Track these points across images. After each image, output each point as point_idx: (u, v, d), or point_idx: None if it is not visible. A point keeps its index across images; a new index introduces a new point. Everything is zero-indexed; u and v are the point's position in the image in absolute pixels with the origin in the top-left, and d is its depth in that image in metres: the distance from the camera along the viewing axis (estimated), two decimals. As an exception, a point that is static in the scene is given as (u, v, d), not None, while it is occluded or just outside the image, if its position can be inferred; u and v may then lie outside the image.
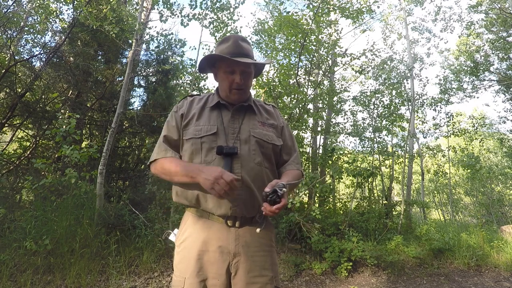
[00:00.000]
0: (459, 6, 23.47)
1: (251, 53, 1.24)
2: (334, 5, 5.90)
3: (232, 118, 1.20)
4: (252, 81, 1.26)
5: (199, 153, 1.12)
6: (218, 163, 1.09)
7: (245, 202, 1.10)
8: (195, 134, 1.14)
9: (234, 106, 1.22)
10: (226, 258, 1.07)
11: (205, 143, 1.12)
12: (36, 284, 2.80)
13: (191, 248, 1.10)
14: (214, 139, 1.13)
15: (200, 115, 1.20)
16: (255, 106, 1.27)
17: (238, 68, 1.17)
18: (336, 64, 7.10)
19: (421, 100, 8.12)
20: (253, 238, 1.12)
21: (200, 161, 1.11)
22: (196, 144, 1.13)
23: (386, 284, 3.81)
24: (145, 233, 3.75)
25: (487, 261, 4.69)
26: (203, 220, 1.13)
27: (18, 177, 4.55)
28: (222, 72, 1.21)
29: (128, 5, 6.76)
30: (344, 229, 4.82)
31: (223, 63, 1.19)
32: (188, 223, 1.17)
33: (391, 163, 7.37)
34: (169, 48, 6.12)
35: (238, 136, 1.15)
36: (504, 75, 11.41)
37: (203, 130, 1.15)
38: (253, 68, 1.26)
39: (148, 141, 6.17)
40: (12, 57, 4.99)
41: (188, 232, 1.14)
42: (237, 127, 1.18)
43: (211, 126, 1.16)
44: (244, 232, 1.12)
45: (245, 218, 1.12)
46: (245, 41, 1.25)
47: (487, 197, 12.79)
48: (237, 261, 1.08)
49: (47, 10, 5.48)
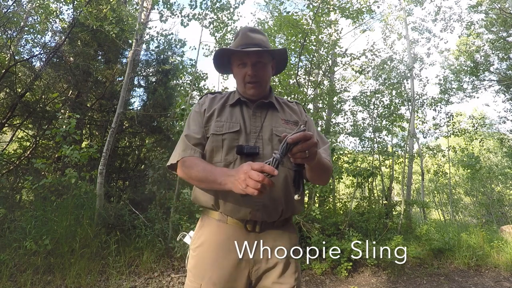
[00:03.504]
0: (459, 6, 23.53)
1: (264, 43, 1.15)
2: (334, 5, 5.90)
3: (253, 116, 1.12)
4: (269, 74, 1.17)
5: (219, 151, 1.05)
6: (239, 163, 1.01)
7: (266, 206, 1.02)
8: (216, 130, 1.07)
9: (255, 103, 1.15)
10: (245, 266, 1.00)
11: (227, 140, 1.05)
12: (36, 284, 2.80)
13: (207, 253, 1.03)
14: (236, 137, 1.06)
15: (221, 111, 1.13)
16: (277, 103, 1.19)
17: (249, 60, 1.10)
18: (336, 64, 7.10)
19: (421, 100, 8.12)
20: (275, 243, 1.04)
21: (220, 159, 1.04)
22: (217, 142, 1.06)
23: (386, 284, 3.81)
24: (145, 233, 3.75)
25: (487, 261, 4.69)
26: (221, 224, 1.06)
27: (18, 177, 4.55)
28: (235, 67, 1.16)
29: (128, 5, 6.76)
30: (344, 229, 4.82)
31: (234, 57, 1.15)
32: (205, 226, 1.10)
33: (391, 163, 7.36)
34: (169, 48, 6.12)
35: (260, 135, 1.08)
36: (504, 75, 11.41)
37: (225, 127, 1.08)
38: (269, 59, 1.17)
39: (148, 141, 6.17)
40: (12, 57, 4.99)
41: (205, 236, 1.07)
42: (259, 125, 1.11)
43: (233, 124, 1.09)
44: (265, 237, 1.04)
45: (266, 223, 1.05)
46: (256, 31, 1.17)
47: (487, 197, 12.78)
48: (258, 268, 1.01)
49: (47, 10, 5.48)
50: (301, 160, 0.85)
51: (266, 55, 1.15)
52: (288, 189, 1.04)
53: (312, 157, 0.86)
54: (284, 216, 1.06)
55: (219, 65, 1.23)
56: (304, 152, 0.83)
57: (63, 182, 3.55)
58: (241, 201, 1.01)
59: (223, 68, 1.25)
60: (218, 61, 1.21)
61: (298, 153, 0.83)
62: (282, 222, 1.10)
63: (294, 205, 1.07)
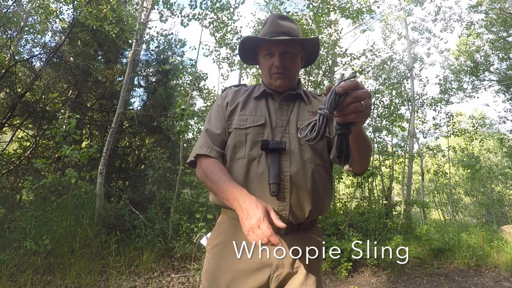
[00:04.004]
0: (459, 6, 23.50)
1: (294, 32, 1.07)
2: (334, 5, 5.90)
3: (279, 109, 1.04)
4: (297, 65, 1.09)
5: (242, 146, 0.97)
6: (264, 159, 0.94)
7: (292, 206, 0.92)
8: (239, 124, 0.99)
9: (282, 94, 1.06)
10: (266, 270, 0.92)
11: (250, 134, 0.97)
12: (36, 284, 2.80)
13: (223, 255, 0.95)
14: (260, 132, 0.98)
15: (245, 104, 1.05)
16: (304, 95, 1.10)
17: (277, 49, 1.02)
18: (336, 64, 7.10)
19: (421, 100, 8.13)
20: (301, 247, 0.95)
21: (244, 155, 0.96)
22: (240, 136, 0.98)
23: (386, 284, 3.81)
24: (145, 233, 3.75)
25: (487, 261, 4.69)
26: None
27: (18, 177, 4.55)
28: (262, 58, 1.08)
29: (128, 5, 6.76)
30: (344, 229, 4.82)
31: (261, 47, 1.07)
32: (222, 226, 1.02)
33: (391, 163, 7.36)
34: (169, 48, 6.12)
35: (286, 129, 0.99)
36: (504, 75, 11.41)
37: (249, 121, 0.99)
38: (298, 49, 1.07)
39: (148, 141, 6.17)
40: (12, 57, 4.99)
41: (222, 237, 0.99)
42: (285, 118, 1.02)
43: (258, 117, 1.00)
44: (289, 240, 0.94)
45: (292, 225, 0.94)
46: (286, 19, 1.09)
47: (487, 197, 12.78)
48: (279, 274, 0.92)
49: (47, 10, 5.48)
50: (355, 116, 0.67)
51: (296, 45, 1.06)
52: (316, 186, 0.95)
53: (368, 111, 0.70)
54: (311, 218, 0.97)
55: (245, 55, 1.15)
56: (359, 103, 0.66)
57: (63, 182, 3.55)
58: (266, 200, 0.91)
59: (249, 58, 1.16)
60: (244, 51, 1.12)
61: (352, 105, 0.66)
62: (309, 224, 1.00)
63: (323, 204, 0.98)
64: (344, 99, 0.66)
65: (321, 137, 0.68)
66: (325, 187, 0.98)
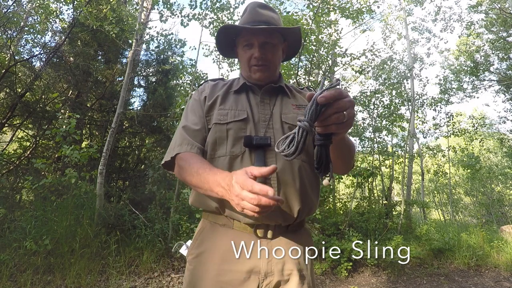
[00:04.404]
0: (459, 6, 23.53)
1: (275, 21, 1.01)
2: (334, 5, 5.90)
3: (261, 103, 0.97)
4: (278, 57, 1.02)
5: (224, 143, 0.90)
6: (248, 157, 0.87)
7: (280, 207, 0.86)
8: (219, 119, 0.92)
9: (263, 88, 1.00)
10: (254, 279, 0.84)
11: (232, 130, 0.90)
12: (36, 284, 2.80)
13: (207, 265, 0.87)
14: (243, 127, 0.91)
15: (224, 98, 0.98)
16: (287, 89, 1.04)
17: (257, 40, 0.95)
18: (336, 64, 7.10)
19: (421, 100, 8.13)
20: (289, 252, 0.88)
21: (225, 152, 0.89)
22: (221, 132, 0.91)
23: (386, 284, 3.81)
24: (145, 233, 3.75)
25: (487, 261, 4.69)
26: (225, 230, 0.89)
27: (18, 177, 4.55)
28: (240, 49, 1.01)
29: (128, 5, 6.76)
30: (344, 229, 4.82)
31: (240, 38, 1.00)
32: (204, 233, 0.94)
33: (391, 163, 7.36)
34: (169, 48, 6.13)
35: (270, 124, 0.93)
36: (504, 75, 11.42)
37: (230, 115, 0.93)
38: (280, 40, 1.01)
39: (148, 141, 6.18)
40: (12, 57, 4.99)
41: (205, 245, 0.91)
42: (268, 113, 0.96)
43: (240, 111, 0.94)
44: (278, 244, 0.88)
45: (280, 227, 0.89)
46: (266, 7, 1.02)
47: (487, 197, 12.79)
48: (269, 282, 0.85)
49: (47, 10, 5.48)
50: (336, 127, 0.63)
51: (277, 35, 0.99)
52: (304, 184, 0.89)
53: (350, 122, 0.66)
54: (300, 218, 0.91)
55: (224, 47, 1.07)
56: (341, 114, 0.62)
57: (63, 182, 3.56)
58: None
59: (227, 50, 1.09)
60: (222, 42, 1.06)
61: (333, 116, 0.62)
62: (297, 225, 0.94)
63: (311, 203, 0.92)
64: (326, 109, 0.62)
65: (299, 152, 0.63)
66: (312, 185, 0.93)
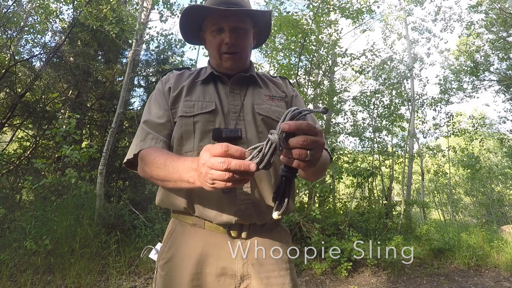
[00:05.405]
0: (459, 6, 23.54)
1: (246, 4, 0.93)
2: (334, 5, 5.90)
3: (231, 93, 0.91)
4: (250, 44, 0.94)
5: (191, 137, 0.84)
6: None
7: (255, 204, 0.82)
8: (185, 111, 0.85)
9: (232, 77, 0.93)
10: (230, 282, 0.80)
11: (199, 123, 0.84)
12: (36, 284, 2.80)
13: (180, 270, 0.80)
14: (211, 119, 0.85)
15: (190, 89, 0.91)
16: (259, 78, 0.98)
17: (227, 24, 0.86)
18: (336, 64, 7.10)
19: (421, 100, 8.13)
20: (267, 252, 0.84)
21: (193, 147, 0.83)
22: (187, 125, 0.84)
23: (386, 284, 3.81)
24: (145, 233, 3.76)
25: (487, 261, 4.69)
26: (195, 231, 0.84)
27: (18, 177, 4.55)
28: (209, 34, 0.91)
29: (128, 5, 6.77)
30: (344, 229, 4.82)
31: (208, 21, 0.90)
32: (175, 234, 0.87)
33: (391, 163, 7.36)
34: (169, 48, 6.14)
35: (241, 116, 0.87)
36: (504, 75, 11.42)
37: (197, 107, 0.86)
38: (251, 25, 0.93)
39: (148, 141, 6.17)
40: (12, 57, 5.00)
41: (176, 248, 0.84)
42: (238, 103, 0.89)
43: (207, 103, 0.87)
44: (253, 245, 0.83)
45: (255, 226, 0.84)
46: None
47: (487, 197, 12.79)
48: (246, 285, 0.80)
49: (47, 10, 5.48)
50: (297, 164, 0.58)
51: (248, 20, 0.91)
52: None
53: (314, 163, 0.61)
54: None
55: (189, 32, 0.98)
56: (305, 152, 0.57)
57: (63, 182, 3.56)
58: (224, 199, 0.80)
59: (192, 36, 0.99)
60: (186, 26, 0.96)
61: (295, 151, 0.57)
62: (273, 224, 0.89)
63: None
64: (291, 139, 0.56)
65: (265, 165, 0.56)
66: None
